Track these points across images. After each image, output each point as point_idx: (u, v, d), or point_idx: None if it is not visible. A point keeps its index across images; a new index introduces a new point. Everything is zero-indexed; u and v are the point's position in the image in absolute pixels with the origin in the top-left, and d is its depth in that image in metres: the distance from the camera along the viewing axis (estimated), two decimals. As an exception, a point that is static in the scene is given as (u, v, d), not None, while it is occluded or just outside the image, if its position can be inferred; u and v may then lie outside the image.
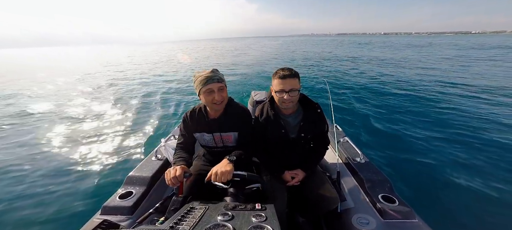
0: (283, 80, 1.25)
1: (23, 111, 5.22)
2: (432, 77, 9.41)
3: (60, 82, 8.93)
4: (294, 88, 1.25)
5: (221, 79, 1.26)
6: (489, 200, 2.51)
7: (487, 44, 30.48)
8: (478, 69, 11.04)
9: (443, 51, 20.55)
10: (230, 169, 1.09)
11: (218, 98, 1.24)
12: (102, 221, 0.94)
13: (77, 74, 11.79)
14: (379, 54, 19.86)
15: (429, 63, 13.28)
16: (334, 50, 25.35)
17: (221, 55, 24.72)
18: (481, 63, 12.79)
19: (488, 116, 4.93)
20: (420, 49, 23.83)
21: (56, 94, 7.07)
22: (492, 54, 17.01)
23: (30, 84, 8.78)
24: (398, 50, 23.03)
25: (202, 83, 1.22)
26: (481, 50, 21.33)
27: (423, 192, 2.61)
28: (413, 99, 6.30)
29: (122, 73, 11.43)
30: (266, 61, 16.99)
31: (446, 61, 14.05)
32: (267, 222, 0.81)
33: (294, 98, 1.28)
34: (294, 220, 1.47)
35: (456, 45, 29.20)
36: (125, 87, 7.97)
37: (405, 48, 26.62)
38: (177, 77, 10.12)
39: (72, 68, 13.82)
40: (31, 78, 10.86)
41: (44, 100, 6.28)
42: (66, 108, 5.47)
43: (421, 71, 10.96)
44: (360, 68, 12.31)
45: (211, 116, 1.37)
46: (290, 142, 1.40)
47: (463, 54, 17.63)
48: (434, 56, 16.79)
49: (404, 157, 3.45)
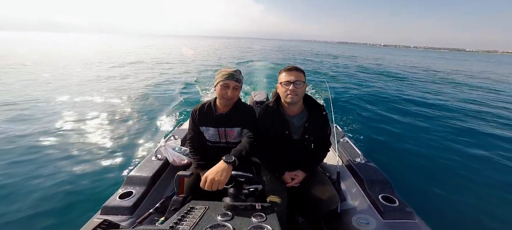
0: (289, 72, 1.31)
1: (17, 107, 5.21)
2: (432, 79, 9.41)
3: (57, 75, 8.92)
4: (299, 80, 1.28)
5: (239, 80, 1.36)
6: (489, 200, 2.51)
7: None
8: (475, 72, 11.02)
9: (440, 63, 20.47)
10: (223, 178, 1.00)
11: (230, 95, 1.32)
12: (102, 221, 0.94)
13: (79, 65, 11.72)
14: (380, 58, 19.87)
15: (428, 66, 13.27)
16: (336, 53, 25.36)
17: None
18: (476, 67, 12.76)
19: (488, 116, 4.93)
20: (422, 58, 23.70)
21: (55, 89, 7.05)
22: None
23: (25, 76, 8.75)
24: (397, 57, 22.97)
25: (223, 77, 1.32)
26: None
27: (423, 192, 2.62)
28: (413, 100, 6.30)
29: (122, 70, 11.40)
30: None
31: (443, 67, 14.03)
32: (267, 222, 0.81)
33: (299, 90, 1.29)
34: (294, 220, 1.47)
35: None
36: (125, 86, 7.96)
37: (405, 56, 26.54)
38: (177, 77, 10.12)
39: (76, 58, 13.77)
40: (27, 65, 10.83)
41: (42, 95, 6.27)
42: (66, 107, 5.47)
43: (421, 73, 10.96)
44: (361, 70, 12.31)
45: (219, 111, 1.43)
46: (293, 143, 1.40)
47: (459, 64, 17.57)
48: (433, 64, 16.76)
49: (404, 157, 3.46)
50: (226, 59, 19.57)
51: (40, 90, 6.80)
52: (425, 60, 23.84)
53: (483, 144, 3.78)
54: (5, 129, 4.06)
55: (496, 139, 3.94)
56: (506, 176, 2.95)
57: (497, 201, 2.49)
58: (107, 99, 6.24)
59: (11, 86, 7.03)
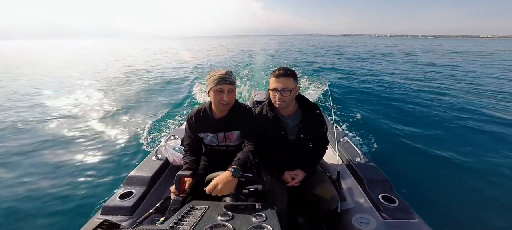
0: (276, 79, 1.26)
1: (20, 107, 5.22)
2: (431, 78, 9.41)
3: (60, 78, 8.92)
4: (287, 88, 1.25)
5: (233, 82, 1.29)
6: (489, 200, 2.51)
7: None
8: (474, 69, 11.03)
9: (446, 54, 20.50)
10: (228, 190, 1.06)
11: (226, 99, 1.26)
12: (102, 221, 0.94)
13: (82, 70, 11.75)
14: (380, 54, 19.85)
15: (428, 64, 13.27)
16: (336, 50, 25.32)
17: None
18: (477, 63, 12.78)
19: (488, 116, 4.93)
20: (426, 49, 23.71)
21: (58, 90, 7.06)
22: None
23: (29, 78, 8.75)
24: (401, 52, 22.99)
25: (215, 82, 1.24)
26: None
27: (423, 192, 2.61)
28: (413, 100, 6.30)
29: (123, 71, 11.41)
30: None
31: (444, 61, 14.01)
32: (267, 222, 0.81)
33: (286, 98, 1.27)
34: (294, 220, 1.47)
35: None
36: (125, 86, 7.97)
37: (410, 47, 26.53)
38: (178, 77, 10.11)
39: (80, 63, 13.78)
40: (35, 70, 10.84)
41: (43, 96, 6.28)
42: (66, 106, 5.47)
43: (421, 73, 10.96)
44: (362, 68, 12.31)
45: (216, 116, 1.39)
46: (289, 143, 1.40)
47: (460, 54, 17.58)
48: (437, 56, 16.74)
49: (404, 157, 3.45)
50: (226, 62, 19.55)
51: (40, 91, 6.80)
52: (431, 50, 23.64)
53: (483, 144, 3.78)
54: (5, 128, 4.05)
55: (496, 139, 3.93)
56: (506, 175, 2.95)
57: (497, 201, 2.49)
58: (107, 100, 6.24)
59: (10, 86, 7.03)
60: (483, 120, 4.75)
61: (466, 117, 4.93)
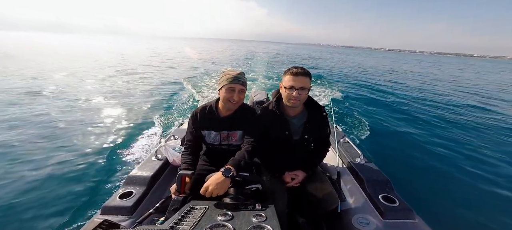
0: (295, 77, 1.23)
1: (17, 105, 5.21)
2: (431, 79, 9.40)
3: (63, 76, 8.91)
4: (304, 86, 1.24)
5: (245, 83, 1.33)
6: (489, 200, 2.51)
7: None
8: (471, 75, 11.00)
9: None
10: (220, 191, 1.05)
11: (236, 99, 1.29)
12: (102, 221, 0.95)
13: (79, 68, 11.75)
14: (380, 59, 19.82)
15: (427, 68, 13.25)
16: (337, 57, 25.28)
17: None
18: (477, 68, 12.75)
19: (488, 116, 4.93)
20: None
21: (58, 89, 7.05)
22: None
23: (27, 74, 8.75)
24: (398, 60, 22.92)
25: (228, 81, 1.27)
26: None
27: (423, 192, 2.62)
28: (413, 100, 6.30)
29: (124, 70, 11.40)
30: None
31: (439, 69, 13.99)
32: (267, 222, 0.81)
33: (303, 97, 1.26)
34: (294, 220, 1.47)
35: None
36: (126, 85, 7.96)
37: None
38: (178, 77, 10.11)
39: (81, 59, 13.77)
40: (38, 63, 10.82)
41: (42, 95, 6.27)
42: (66, 106, 5.47)
43: (421, 75, 10.95)
44: (362, 71, 12.30)
45: (222, 114, 1.41)
46: (293, 143, 1.40)
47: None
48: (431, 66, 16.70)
49: (404, 157, 3.45)
50: (229, 62, 19.55)
51: (39, 92, 6.79)
52: (430, 66, 23.70)
53: (484, 143, 3.78)
54: (5, 129, 4.05)
55: (497, 139, 3.93)
56: (506, 176, 2.95)
57: (497, 201, 2.49)
58: (107, 100, 6.24)
59: (11, 86, 7.02)
60: (483, 121, 4.75)
61: (466, 117, 4.93)
